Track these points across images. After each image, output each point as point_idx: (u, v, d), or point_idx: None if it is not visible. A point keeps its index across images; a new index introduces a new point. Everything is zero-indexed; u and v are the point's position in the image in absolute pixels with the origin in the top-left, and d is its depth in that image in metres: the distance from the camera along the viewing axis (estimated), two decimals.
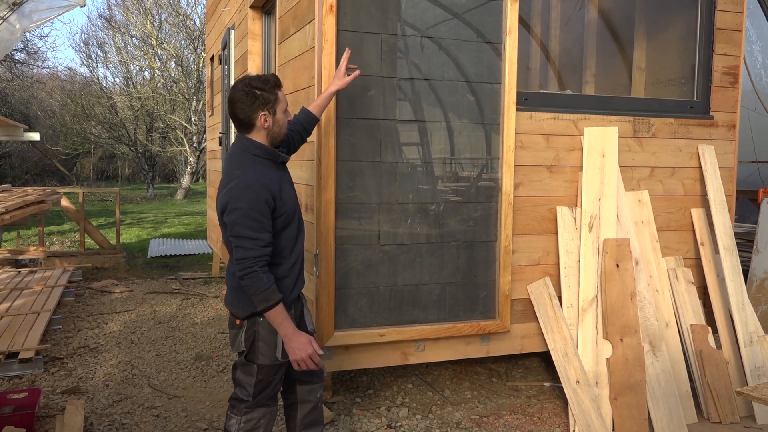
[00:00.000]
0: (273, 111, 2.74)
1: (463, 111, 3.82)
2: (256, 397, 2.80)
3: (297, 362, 2.67)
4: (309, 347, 2.67)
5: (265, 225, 2.62)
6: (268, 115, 2.73)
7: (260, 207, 2.61)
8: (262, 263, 2.59)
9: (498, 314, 3.94)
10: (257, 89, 2.70)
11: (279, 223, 2.72)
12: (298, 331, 2.68)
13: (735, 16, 4.47)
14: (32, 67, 22.20)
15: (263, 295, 2.58)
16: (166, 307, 6.53)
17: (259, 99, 2.70)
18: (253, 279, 2.57)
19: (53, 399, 4.08)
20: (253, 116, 2.71)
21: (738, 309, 4.12)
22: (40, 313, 5.53)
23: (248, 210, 2.59)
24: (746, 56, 5.07)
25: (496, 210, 3.91)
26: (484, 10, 3.82)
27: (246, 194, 2.60)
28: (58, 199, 8.60)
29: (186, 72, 22.62)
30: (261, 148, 2.74)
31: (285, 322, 2.64)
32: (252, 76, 2.76)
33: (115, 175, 30.45)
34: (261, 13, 5.49)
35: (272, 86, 2.74)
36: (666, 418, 3.81)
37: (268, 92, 2.72)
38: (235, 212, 2.59)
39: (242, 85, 2.72)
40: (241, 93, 2.70)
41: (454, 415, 3.90)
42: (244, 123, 2.74)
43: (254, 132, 2.75)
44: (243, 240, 2.59)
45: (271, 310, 2.61)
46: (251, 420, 2.81)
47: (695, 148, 4.43)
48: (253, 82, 2.72)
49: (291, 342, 2.65)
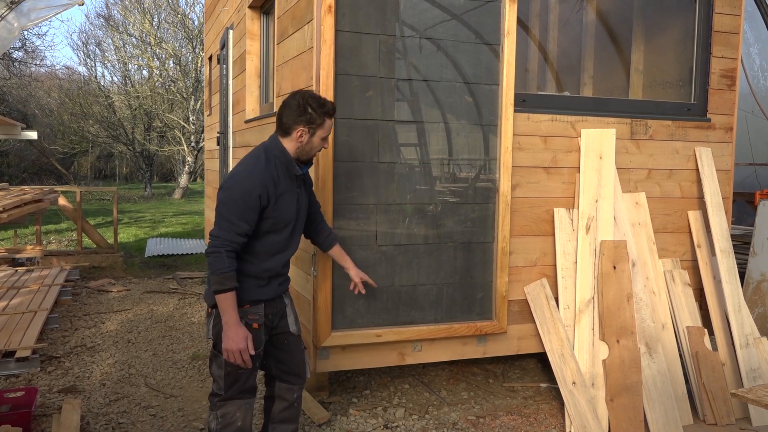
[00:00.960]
0: (312, 132, 2.89)
1: (461, 112, 3.83)
2: (228, 391, 2.87)
3: (227, 352, 2.74)
4: (242, 342, 2.73)
5: (247, 216, 2.74)
6: (305, 132, 2.88)
7: (251, 199, 2.73)
8: (230, 248, 2.71)
9: (495, 315, 3.95)
10: (310, 107, 2.86)
11: (264, 225, 2.83)
12: (239, 324, 2.74)
13: (733, 18, 4.48)
14: (30, 66, 22.17)
15: (220, 277, 2.69)
16: (163, 306, 6.53)
17: (307, 115, 2.85)
18: (216, 258, 2.70)
19: (50, 398, 4.08)
20: (294, 127, 2.87)
21: (734, 311, 4.13)
22: (36, 312, 5.52)
23: (239, 196, 2.72)
24: (744, 59, 5.08)
25: (494, 211, 3.92)
26: (483, 12, 3.83)
27: (245, 182, 2.75)
28: (56, 198, 8.60)
29: (184, 71, 22.61)
30: (283, 152, 2.88)
31: (230, 310, 2.72)
32: (314, 94, 2.91)
33: (112, 174, 30.41)
34: (259, 13, 5.49)
35: (324, 112, 2.89)
36: (662, 419, 3.82)
37: (318, 115, 2.87)
38: (228, 192, 2.75)
39: (300, 95, 2.88)
40: (295, 102, 2.86)
41: (451, 416, 3.91)
42: (283, 127, 2.90)
43: (287, 139, 2.89)
44: (222, 220, 2.73)
45: (221, 294, 2.70)
46: (227, 414, 2.89)
47: (692, 151, 4.44)
48: (311, 99, 2.87)
49: (228, 330, 2.72)
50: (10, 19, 7.74)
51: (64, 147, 25.12)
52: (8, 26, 7.75)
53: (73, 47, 43.41)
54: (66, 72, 27.59)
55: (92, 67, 26.53)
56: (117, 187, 10.40)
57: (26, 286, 6.56)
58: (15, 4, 7.55)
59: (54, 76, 26.61)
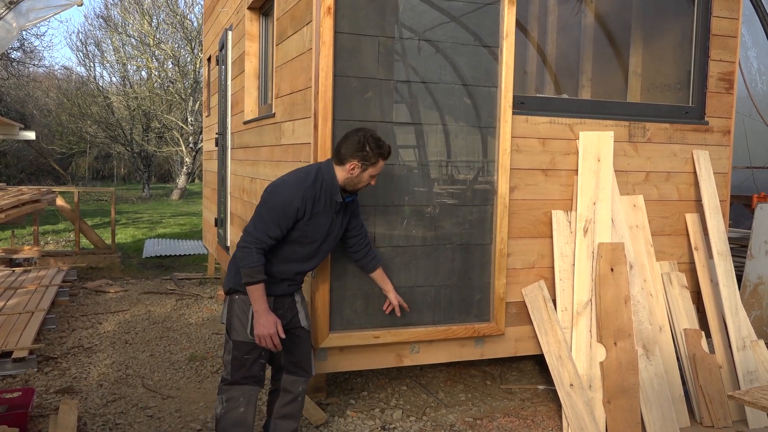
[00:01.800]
0: (365, 168, 3.09)
1: (459, 114, 3.83)
2: (233, 375, 3.05)
3: (258, 337, 2.95)
4: (273, 327, 2.94)
5: (282, 223, 2.97)
6: (358, 167, 3.07)
7: (290, 209, 2.96)
8: (259, 246, 2.94)
9: (492, 317, 3.95)
10: (369, 145, 3.05)
11: (293, 234, 3.05)
12: (269, 312, 2.96)
13: (731, 22, 4.49)
14: (28, 66, 22.16)
15: (249, 271, 2.92)
16: (160, 307, 6.52)
17: (364, 152, 3.05)
18: (246, 253, 2.93)
19: (47, 399, 4.07)
20: (349, 159, 3.06)
21: (731, 314, 4.14)
22: (34, 313, 5.51)
23: (280, 203, 2.96)
24: (741, 62, 5.09)
25: (492, 213, 3.92)
26: (482, 14, 3.83)
27: (290, 191, 2.99)
28: (54, 199, 8.59)
29: (183, 72, 22.60)
30: (332, 178, 3.09)
31: (260, 299, 2.95)
32: (375, 134, 3.12)
33: (110, 174, 30.38)
34: (259, 14, 5.49)
35: (380, 153, 3.09)
36: (659, 421, 3.82)
37: (375, 155, 3.07)
38: (272, 196, 3.00)
39: (362, 133, 3.08)
40: (356, 138, 3.06)
41: (448, 418, 3.91)
42: (339, 156, 3.09)
43: (339, 168, 3.09)
44: (259, 219, 2.97)
45: (251, 286, 2.93)
46: (231, 399, 3.06)
47: (690, 153, 4.45)
48: (372, 139, 3.07)
49: (259, 318, 2.94)
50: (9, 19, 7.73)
51: (62, 147, 25.09)
52: (7, 26, 7.74)
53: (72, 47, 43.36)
54: (64, 72, 27.59)
55: (91, 67, 26.53)
56: (115, 188, 10.39)
57: (23, 287, 6.55)
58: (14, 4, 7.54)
59: (52, 77, 26.60)
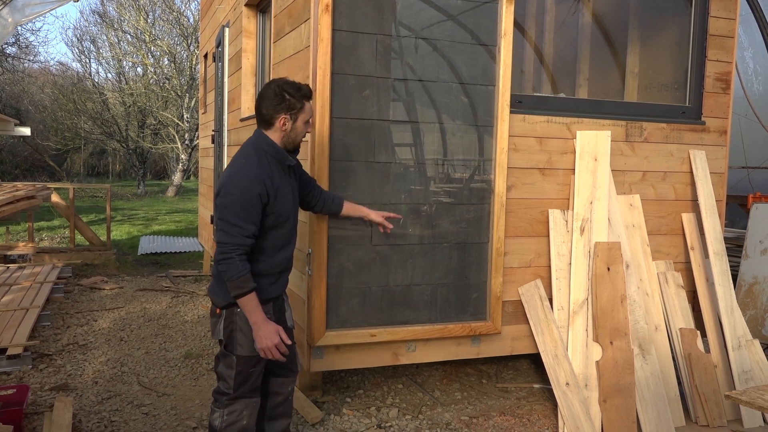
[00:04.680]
0: (294, 117, 2.87)
1: (456, 112, 3.83)
2: (238, 390, 2.89)
3: (263, 350, 2.76)
4: (276, 336, 2.76)
5: (252, 216, 2.72)
6: (288, 120, 2.86)
7: (252, 198, 2.71)
8: (240, 251, 2.70)
9: (489, 316, 3.95)
10: (287, 93, 2.84)
11: (267, 222, 2.82)
12: (267, 320, 2.77)
13: (728, 22, 4.50)
14: (23, 62, 22.08)
15: (237, 282, 2.69)
16: (156, 304, 6.50)
17: (286, 102, 2.83)
18: (229, 264, 2.68)
19: (41, 396, 4.06)
20: (275, 116, 2.84)
21: (727, 313, 4.15)
22: (28, 310, 5.49)
23: (240, 198, 2.70)
24: (738, 62, 5.11)
25: (489, 212, 3.92)
26: (479, 12, 3.83)
27: (242, 183, 2.72)
28: (49, 195, 8.56)
29: (179, 69, 22.55)
30: (272, 146, 2.86)
31: (255, 310, 2.74)
32: (287, 80, 2.89)
33: (105, 171, 30.30)
34: (256, 11, 5.47)
35: (302, 95, 2.87)
36: (654, 421, 3.83)
37: (297, 99, 2.85)
38: (227, 197, 2.71)
39: (275, 84, 2.85)
40: (272, 92, 2.84)
41: (444, 416, 3.91)
42: (264, 119, 2.87)
43: (271, 131, 2.88)
44: (227, 225, 2.70)
45: (243, 297, 2.72)
46: (234, 412, 2.90)
47: (687, 153, 4.46)
48: (286, 85, 2.85)
49: (259, 330, 2.75)
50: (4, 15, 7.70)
51: (57, 143, 25.03)
52: (2, 21, 7.71)
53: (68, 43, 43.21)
54: (60, 68, 27.49)
55: (86, 63, 26.45)
56: (110, 185, 10.36)
57: (18, 283, 6.53)
58: None
59: (48, 72, 26.50)
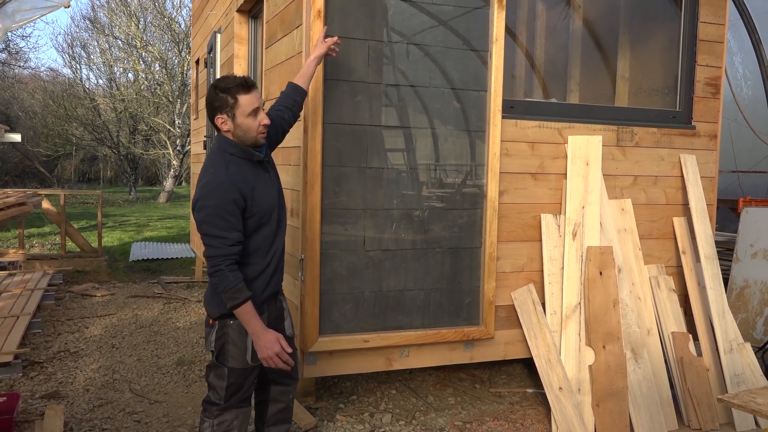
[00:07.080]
0: (231, 115, 2.68)
1: (448, 118, 3.84)
2: (228, 400, 2.82)
3: (265, 360, 2.69)
4: (276, 345, 2.68)
5: (233, 224, 2.62)
6: (226, 119, 2.69)
7: (228, 206, 2.60)
8: (229, 262, 2.61)
9: (482, 320, 3.95)
10: (219, 90, 2.67)
11: (251, 224, 2.72)
12: (266, 329, 2.69)
13: (717, 27, 4.53)
14: (14, 67, 21.98)
15: (230, 293, 2.61)
16: (147, 311, 6.47)
17: (217, 101, 2.67)
18: (221, 277, 2.60)
19: (32, 404, 4.03)
20: (215, 119, 2.70)
21: (718, 317, 4.17)
22: (19, 317, 5.45)
23: (215, 208, 2.59)
24: (727, 67, 5.15)
25: (481, 217, 3.93)
26: (471, 18, 3.85)
27: (215, 193, 2.60)
28: (39, 201, 8.50)
29: (170, 75, 22.50)
30: (236, 147, 2.72)
31: (253, 320, 2.66)
32: (221, 77, 2.74)
33: (96, 177, 30.16)
34: (248, 17, 5.47)
35: (236, 89, 2.66)
36: (647, 424, 3.84)
37: (228, 95, 2.66)
38: (203, 210, 2.61)
39: (210, 85, 2.71)
40: (209, 93, 2.70)
41: (438, 421, 3.91)
42: (214, 124, 2.73)
43: (226, 133, 2.73)
44: (210, 238, 2.61)
45: (239, 308, 2.63)
46: (223, 422, 2.83)
47: (677, 158, 4.49)
48: (218, 82, 2.69)
49: (259, 340, 2.67)
50: None
51: (48, 150, 24.88)
52: None
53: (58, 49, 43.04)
54: (50, 74, 27.37)
55: (77, 69, 26.36)
56: (101, 191, 10.30)
57: (8, 290, 6.48)
58: None
59: (38, 78, 26.39)
